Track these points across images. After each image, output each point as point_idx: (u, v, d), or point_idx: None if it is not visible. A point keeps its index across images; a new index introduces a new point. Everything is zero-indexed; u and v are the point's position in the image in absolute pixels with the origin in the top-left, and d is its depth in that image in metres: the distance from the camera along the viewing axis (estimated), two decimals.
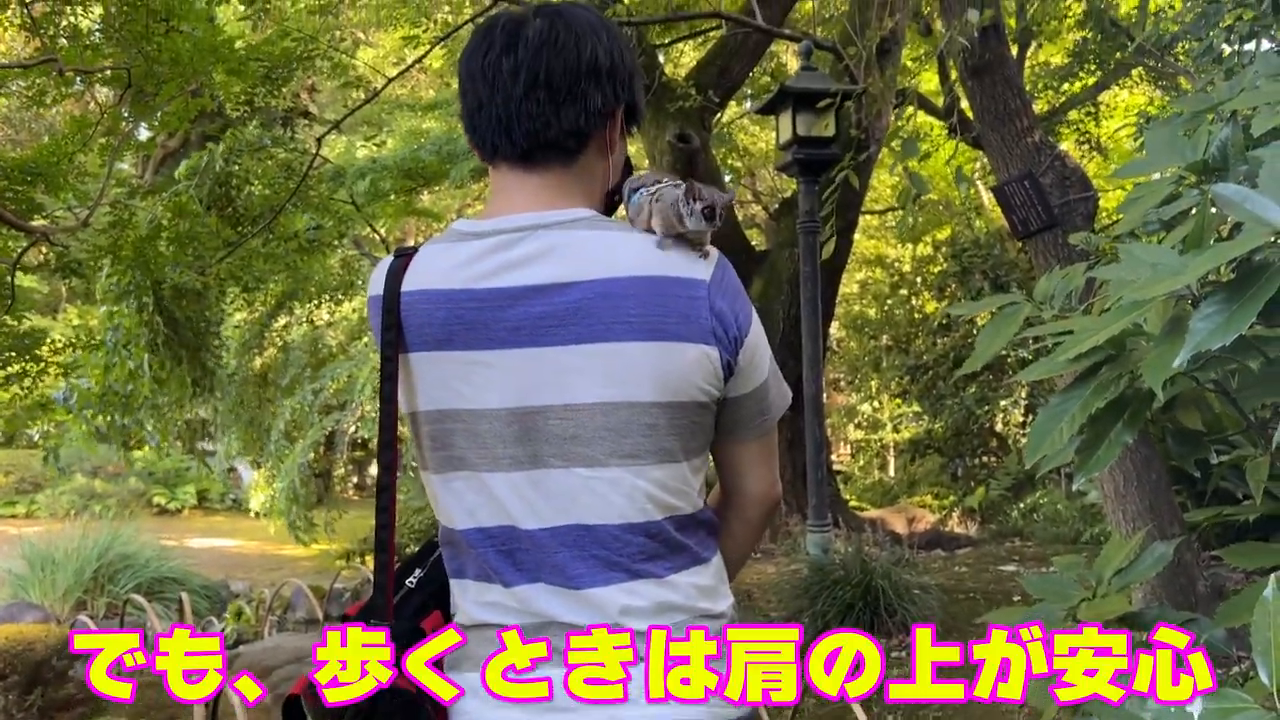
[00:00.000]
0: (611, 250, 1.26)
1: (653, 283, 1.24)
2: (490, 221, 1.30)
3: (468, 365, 1.25)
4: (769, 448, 1.39)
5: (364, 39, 14.05)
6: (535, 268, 1.25)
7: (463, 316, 1.25)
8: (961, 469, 11.56)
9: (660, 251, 1.27)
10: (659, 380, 1.23)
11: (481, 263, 1.26)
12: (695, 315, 1.24)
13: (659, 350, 1.23)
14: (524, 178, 1.32)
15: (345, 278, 10.99)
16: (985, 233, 11.05)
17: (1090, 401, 1.64)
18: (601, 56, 1.31)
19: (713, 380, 1.26)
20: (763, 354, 1.33)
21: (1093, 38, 6.07)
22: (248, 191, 7.47)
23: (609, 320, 1.23)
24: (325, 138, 7.53)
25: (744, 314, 1.29)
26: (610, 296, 1.23)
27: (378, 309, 1.30)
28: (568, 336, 1.23)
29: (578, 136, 1.30)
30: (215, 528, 17.31)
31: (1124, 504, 4.27)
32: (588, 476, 1.23)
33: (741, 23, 6.65)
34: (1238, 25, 2.81)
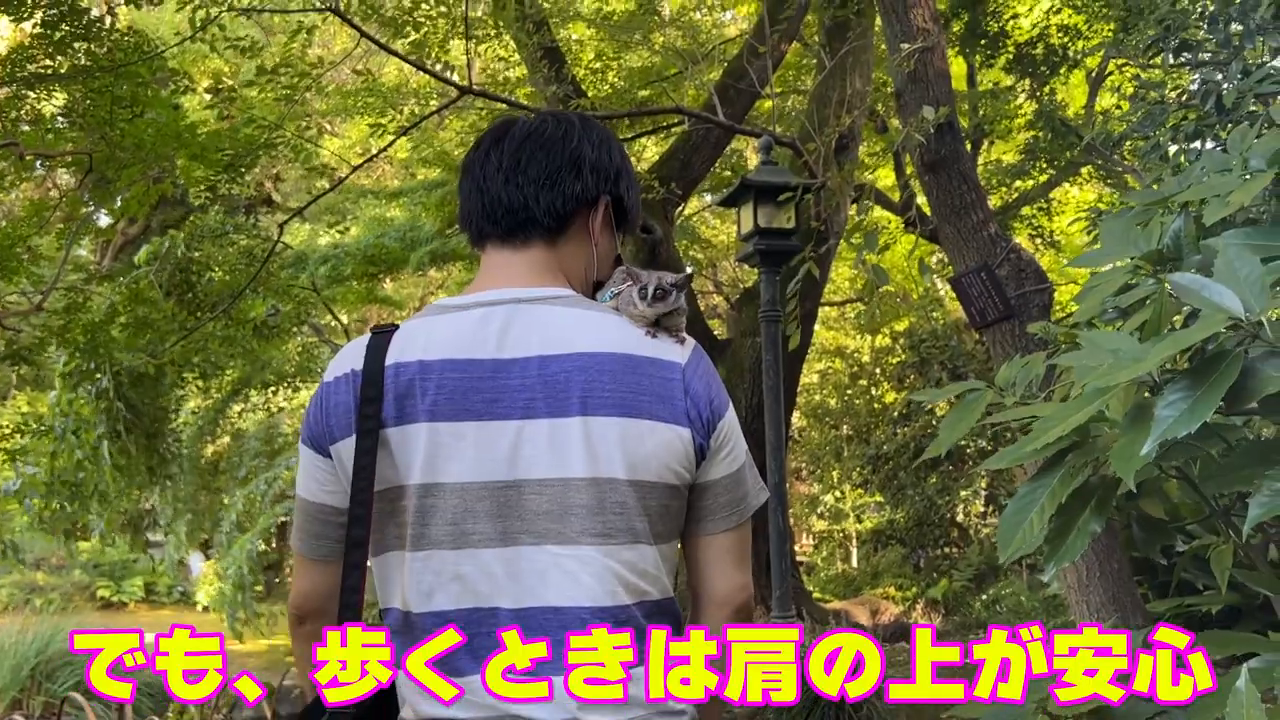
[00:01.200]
0: (591, 327, 1.28)
1: (629, 360, 1.26)
2: (473, 296, 1.33)
3: (448, 438, 1.24)
4: (740, 546, 1.35)
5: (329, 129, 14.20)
6: (516, 340, 1.27)
7: (445, 386, 1.25)
8: (924, 559, 11.51)
9: (638, 334, 1.29)
10: (630, 457, 1.23)
11: (465, 335, 1.28)
12: (669, 395, 1.25)
13: (632, 427, 1.23)
14: (509, 256, 1.36)
15: (303, 364, 10.89)
16: (943, 324, 11.23)
17: (1058, 490, 1.63)
18: (586, 151, 1.38)
19: (684, 462, 1.26)
20: (737, 442, 1.33)
21: (1043, 137, 6.27)
22: (208, 277, 7.42)
23: (584, 394, 1.23)
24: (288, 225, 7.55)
25: (719, 399, 1.30)
26: (587, 371, 1.24)
27: (351, 386, 1.29)
28: (543, 410, 1.24)
29: (557, 217, 1.36)
30: (162, 622, 16.73)
31: (1087, 595, 4.25)
32: (559, 554, 1.21)
33: (703, 119, 6.80)
34: (1183, 125, 2.91)
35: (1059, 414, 1.57)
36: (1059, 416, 1.57)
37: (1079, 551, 1.60)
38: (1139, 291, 1.90)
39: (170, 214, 8.85)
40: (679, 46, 9.01)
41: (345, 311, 11.09)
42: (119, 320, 6.49)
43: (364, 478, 1.25)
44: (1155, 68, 3.59)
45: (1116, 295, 1.93)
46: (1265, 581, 1.72)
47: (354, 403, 1.28)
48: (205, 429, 12.17)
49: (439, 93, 8.24)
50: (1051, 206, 8.27)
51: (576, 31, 9.88)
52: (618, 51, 9.39)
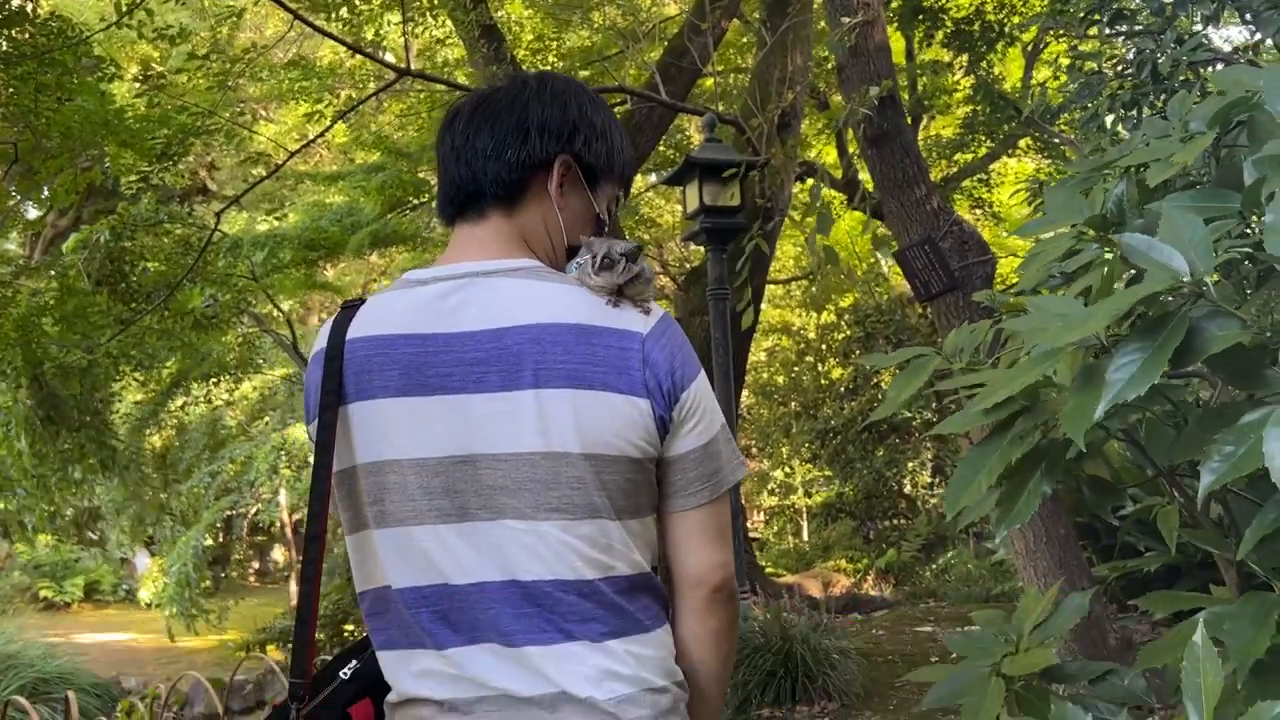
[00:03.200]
0: (548, 299, 1.26)
1: (584, 331, 1.23)
2: (434, 270, 1.31)
3: (403, 413, 1.23)
4: (715, 522, 1.30)
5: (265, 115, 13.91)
6: (471, 313, 1.25)
7: (400, 361, 1.24)
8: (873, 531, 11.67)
9: (598, 304, 1.26)
10: (584, 431, 1.21)
11: (422, 309, 1.26)
12: (625, 365, 1.22)
13: (584, 399, 1.21)
14: (470, 230, 1.35)
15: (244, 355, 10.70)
16: (887, 299, 11.34)
17: (1007, 452, 1.64)
18: (534, 112, 1.35)
19: (644, 435, 1.23)
20: (708, 413, 1.29)
21: (982, 110, 6.33)
22: (142, 268, 7.23)
23: (536, 367, 1.21)
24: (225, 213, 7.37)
25: (684, 368, 1.27)
26: (539, 342, 1.22)
27: (319, 363, 1.30)
28: (496, 383, 1.21)
29: (505, 186, 1.33)
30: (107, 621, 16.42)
31: (1034, 560, 4.33)
32: (516, 529, 1.20)
33: (646, 98, 6.76)
34: (1119, 94, 2.95)
35: (1007, 378, 1.58)
36: (1007, 380, 1.59)
37: (1029, 513, 1.61)
38: (1083, 256, 1.92)
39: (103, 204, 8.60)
40: (619, 25, 8.95)
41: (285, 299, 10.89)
42: (49, 313, 6.30)
43: (324, 453, 1.26)
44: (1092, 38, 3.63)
45: (1061, 261, 1.96)
46: (1212, 540, 1.76)
47: (317, 380, 1.29)
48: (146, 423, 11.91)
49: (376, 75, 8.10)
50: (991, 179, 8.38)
51: (514, 11, 9.76)
52: (557, 30, 9.31)
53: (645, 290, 1.29)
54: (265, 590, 18.84)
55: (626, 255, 1.27)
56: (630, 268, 1.26)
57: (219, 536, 17.22)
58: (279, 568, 20.61)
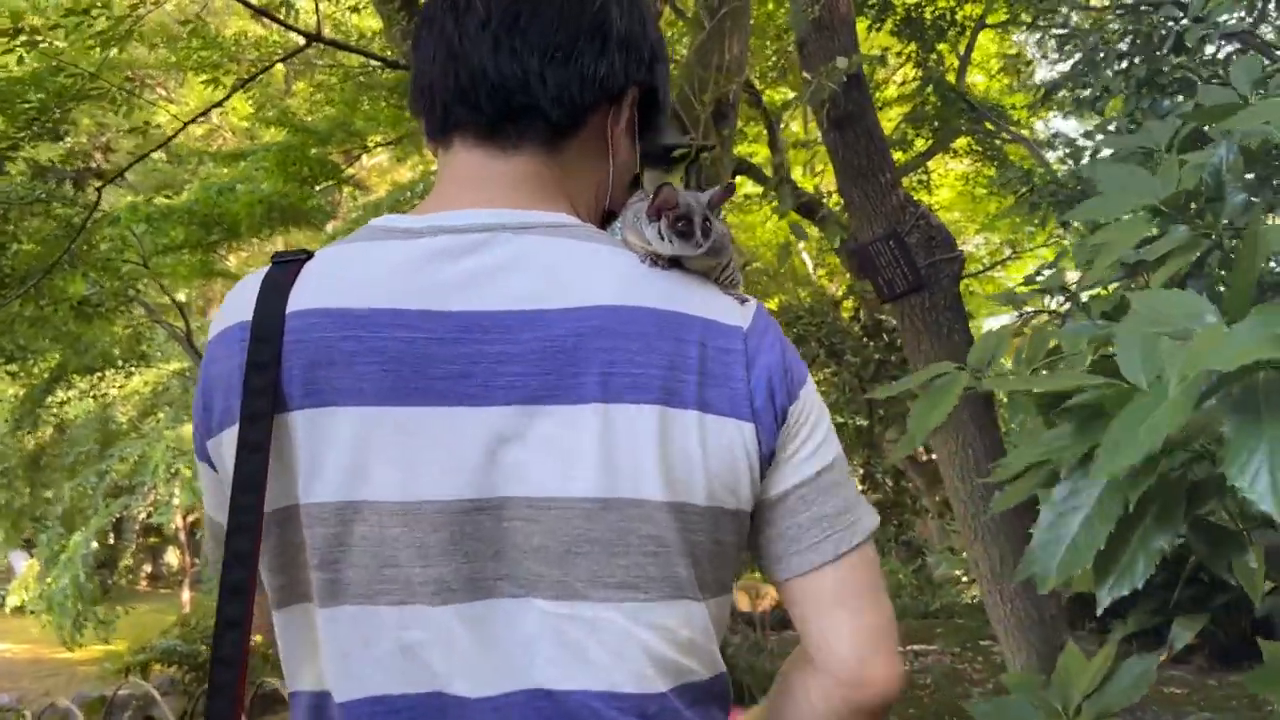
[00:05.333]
0: (616, 271, 0.88)
1: (672, 321, 0.84)
2: (431, 217, 0.91)
3: (387, 431, 0.83)
4: (862, 582, 0.91)
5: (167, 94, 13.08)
6: (495, 286, 0.86)
7: (384, 351, 0.84)
8: None
9: (686, 284, 0.88)
10: (673, 470, 0.83)
11: (415, 274, 0.87)
12: (727, 374, 0.85)
13: (677, 422, 0.84)
14: (487, 162, 0.93)
15: (132, 347, 9.91)
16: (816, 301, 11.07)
17: (1110, 495, 1.24)
18: (613, 14, 0.93)
19: (746, 474, 0.86)
20: (823, 425, 0.92)
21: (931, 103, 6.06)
22: (14, 249, 6.51)
23: (604, 370, 0.83)
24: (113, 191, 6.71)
25: (793, 371, 0.90)
26: (607, 334, 0.84)
27: (235, 344, 0.87)
28: (540, 392, 0.83)
29: (571, 108, 0.92)
30: None
31: (1000, 583, 4.01)
32: (556, 614, 0.82)
33: None
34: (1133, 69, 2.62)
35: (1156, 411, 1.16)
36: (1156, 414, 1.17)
37: (1142, 576, 1.22)
38: (1168, 241, 1.54)
39: None
40: None
41: (181, 287, 10.14)
42: None
43: (248, 489, 0.84)
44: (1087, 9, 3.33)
45: (1138, 248, 1.58)
46: None
47: (240, 372, 0.86)
48: (23, 419, 10.99)
49: (284, 47, 7.48)
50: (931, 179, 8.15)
51: None
52: None
53: (732, 265, 0.89)
54: (157, 596, 17.88)
55: (708, 211, 0.86)
56: (717, 230, 0.86)
57: (108, 539, 16.21)
58: (172, 571, 19.64)
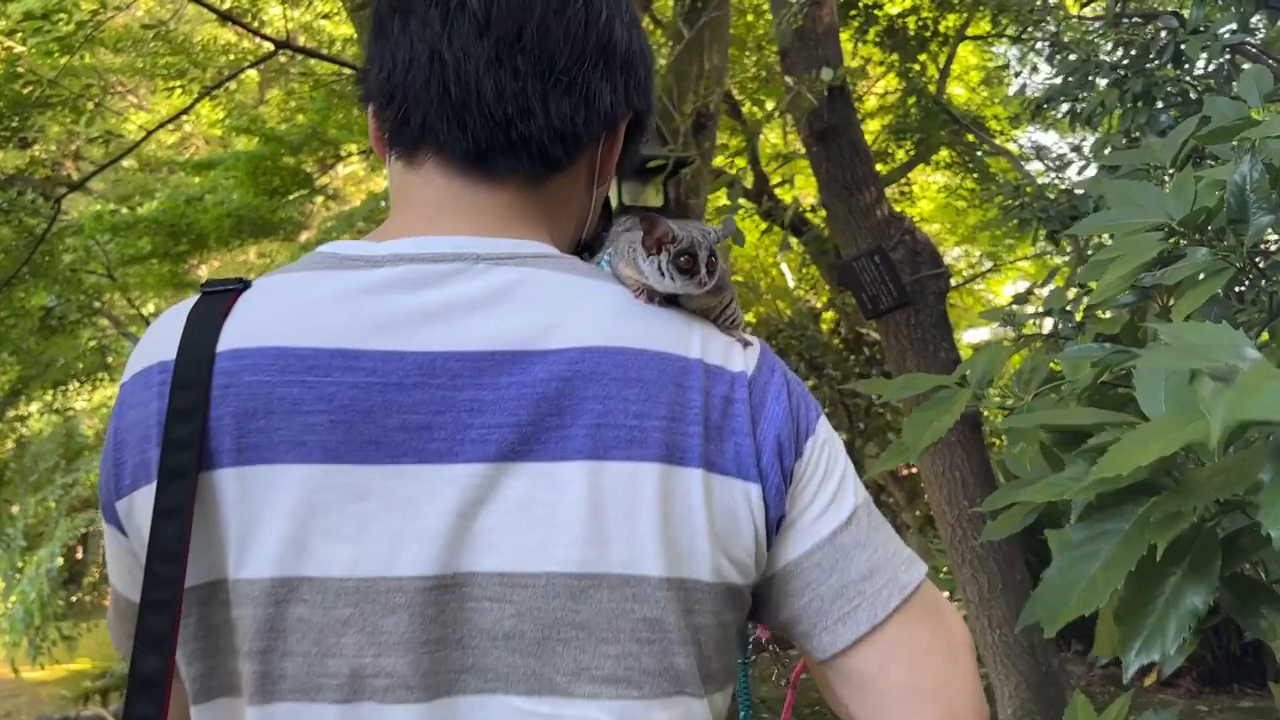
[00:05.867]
0: (603, 307, 0.78)
1: (668, 364, 0.74)
2: (392, 243, 0.80)
3: (334, 494, 0.71)
4: (921, 643, 0.78)
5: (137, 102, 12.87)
6: (467, 322, 0.75)
7: (331, 399, 0.72)
8: None
9: (684, 324, 0.79)
10: (673, 539, 0.73)
11: (372, 307, 0.75)
12: (732, 427, 0.75)
13: (677, 483, 0.73)
14: (465, 190, 0.82)
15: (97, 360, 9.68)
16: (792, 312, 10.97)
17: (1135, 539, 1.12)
18: (619, 32, 0.82)
19: (752, 544, 0.76)
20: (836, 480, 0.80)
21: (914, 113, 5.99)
22: None
23: (593, 420, 0.73)
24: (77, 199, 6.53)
25: (804, 423, 0.79)
26: (598, 380, 0.73)
27: (154, 387, 0.75)
28: (516, 447, 0.72)
29: (569, 144, 0.81)
30: None
31: (989, 609, 3.91)
32: (532, 715, 0.70)
33: None
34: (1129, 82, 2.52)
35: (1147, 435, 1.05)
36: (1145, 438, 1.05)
37: (1174, 640, 1.09)
38: (1190, 264, 1.43)
39: None
40: None
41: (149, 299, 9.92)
42: None
43: (167, 561, 0.71)
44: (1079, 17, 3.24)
45: (1155, 269, 1.46)
46: None
47: (158, 421, 0.74)
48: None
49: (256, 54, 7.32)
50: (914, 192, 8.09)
51: None
52: None
53: (735, 309, 0.80)
54: None
55: (712, 246, 0.78)
56: (720, 266, 0.78)
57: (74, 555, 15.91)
58: None
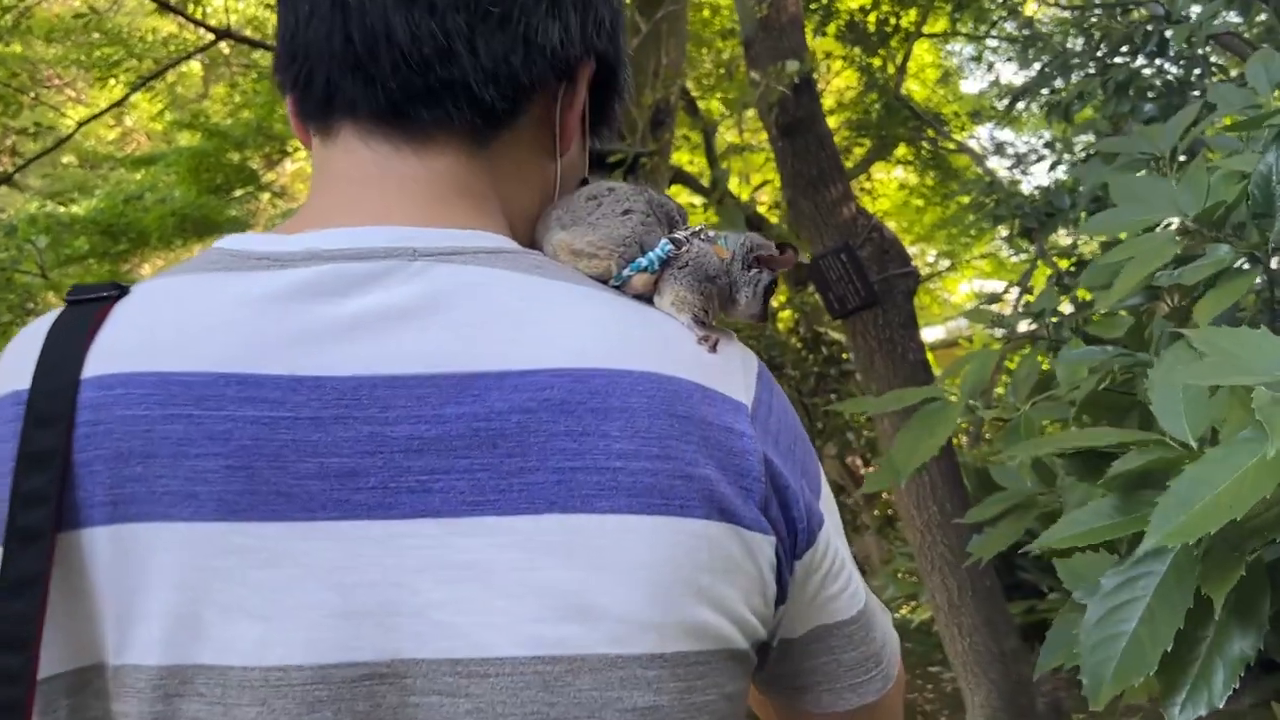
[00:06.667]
0: (578, 318, 0.63)
1: (660, 388, 0.60)
2: (305, 237, 0.64)
3: (229, 559, 0.56)
4: (895, 709, 0.76)
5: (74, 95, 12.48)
6: (401, 338, 0.60)
7: (228, 438, 0.57)
8: None
9: (683, 341, 0.65)
10: (671, 605, 0.59)
11: (279, 320, 0.60)
12: (739, 469, 0.61)
13: (674, 537, 0.59)
14: (389, 160, 0.67)
15: None
16: None
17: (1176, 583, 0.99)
18: None
19: (759, 602, 0.63)
20: (843, 547, 0.70)
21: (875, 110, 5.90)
22: None
23: (565, 461, 0.58)
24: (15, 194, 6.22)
25: (814, 472, 0.68)
26: (571, 411, 0.59)
27: (8, 424, 0.58)
28: (468, 497, 0.58)
29: (508, 88, 0.67)
30: None
31: (958, 617, 3.80)
32: None
33: None
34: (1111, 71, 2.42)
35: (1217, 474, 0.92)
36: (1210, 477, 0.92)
37: (1222, 692, 0.97)
38: (1213, 263, 1.31)
39: None
40: None
41: None
42: None
43: (13, 651, 0.55)
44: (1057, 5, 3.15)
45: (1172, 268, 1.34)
46: None
47: (8, 469, 0.58)
48: None
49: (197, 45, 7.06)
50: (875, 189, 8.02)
51: None
52: None
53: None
54: None
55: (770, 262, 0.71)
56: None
57: None
58: None
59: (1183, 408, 1.15)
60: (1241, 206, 1.32)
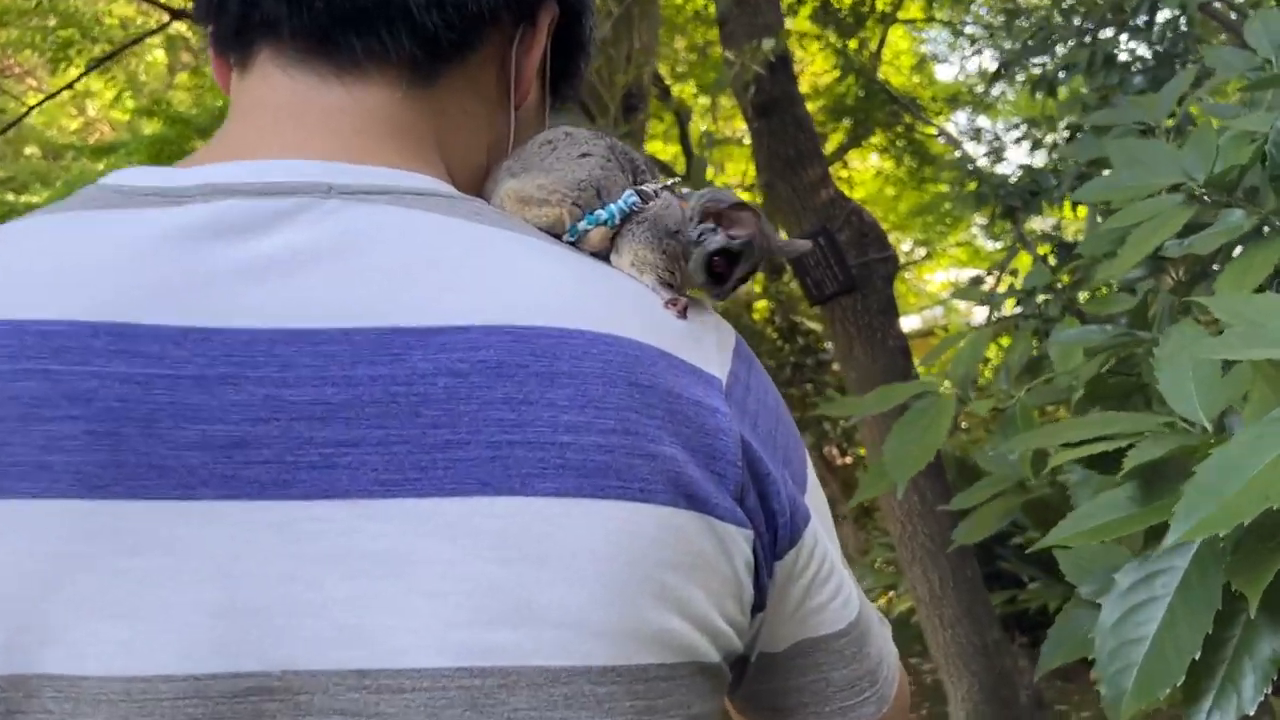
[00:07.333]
0: (519, 269, 0.53)
1: (617, 351, 0.51)
2: (206, 169, 0.55)
3: (88, 545, 0.47)
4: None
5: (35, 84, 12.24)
6: (308, 285, 0.51)
7: (91, 399, 0.48)
8: None
9: (651, 303, 0.56)
10: (627, 607, 0.49)
11: (165, 263, 0.51)
12: (711, 449, 0.52)
13: (631, 526, 0.49)
14: (313, 91, 0.58)
15: None
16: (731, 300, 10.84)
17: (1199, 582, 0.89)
18: None
19: (733, 608, 0.53)
20: (833, 549, 0.61)
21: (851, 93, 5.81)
22: None
23: (500, 434, 0.49)
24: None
25: (799, 461, 0.59)
26: (509, 375, 0.49)
27: None
28: (382, 475, 0.48)
29: (454, 16, 0.58)
30: None
31: (940, 608, 3.73)
32: None
33: None
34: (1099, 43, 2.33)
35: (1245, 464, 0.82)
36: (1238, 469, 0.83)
37: (1253, 699, 0.87)
38: (1226, 231, 1.21)
39: None
40: None
41: None
42: None
43: None
44: None
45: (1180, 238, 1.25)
46: None
47: None
48: None
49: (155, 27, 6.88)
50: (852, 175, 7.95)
51: None
52: None
53: None
54: None
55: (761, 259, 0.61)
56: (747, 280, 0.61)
57: None
58: None
59: (1193, 388, 1.06)
60: (1255, 170, 1.23)
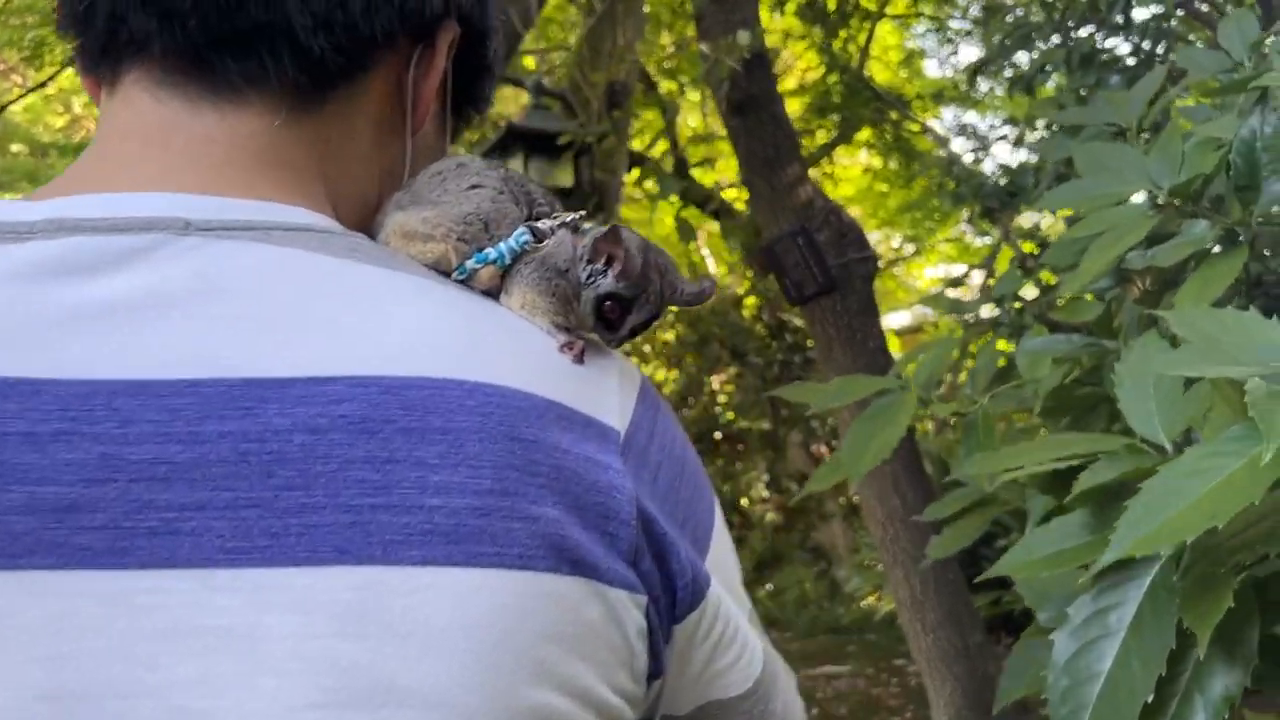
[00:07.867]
0: (393, 313, 0.49)
1: (497, 403, 0.47)
2: (55, 203, 0.50)
3: None
4: None
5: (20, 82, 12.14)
6: (154, 332, 0.47)
7: None
8: None
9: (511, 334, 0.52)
10: (500, 688, 0.44)
11: (7, 303, 0.46)
12: (603, 508, 0.48)
13: (508, 599, 0.45)
14: (181, 117, 0.53)
15: None
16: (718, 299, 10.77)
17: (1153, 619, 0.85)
18: None
19: (624, 679, 0.49)
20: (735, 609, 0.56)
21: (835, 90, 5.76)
22: None
23: (360, 497, 0.44)
24: None
25: (702, 514, 0.55)
26: (372, 431, 0.45)
27: None
28: (228, 543, 0.43)
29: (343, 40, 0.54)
30: None
31: (922, 612, 3.69)
32: None
33: None
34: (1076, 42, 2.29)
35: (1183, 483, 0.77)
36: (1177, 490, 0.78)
37: None
38: (1190, 242, 1.17)
39: None
40: None
41: None
42: None
43: None
44: None
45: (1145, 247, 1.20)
46: None
47: None
48: None
49: None
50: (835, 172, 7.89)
51: None
52: None
53: None
54: None
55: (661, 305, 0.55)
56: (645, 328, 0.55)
57: None
58: None
59: (1154, 405, 1.01)
60: (1220, 177, 1.18)
